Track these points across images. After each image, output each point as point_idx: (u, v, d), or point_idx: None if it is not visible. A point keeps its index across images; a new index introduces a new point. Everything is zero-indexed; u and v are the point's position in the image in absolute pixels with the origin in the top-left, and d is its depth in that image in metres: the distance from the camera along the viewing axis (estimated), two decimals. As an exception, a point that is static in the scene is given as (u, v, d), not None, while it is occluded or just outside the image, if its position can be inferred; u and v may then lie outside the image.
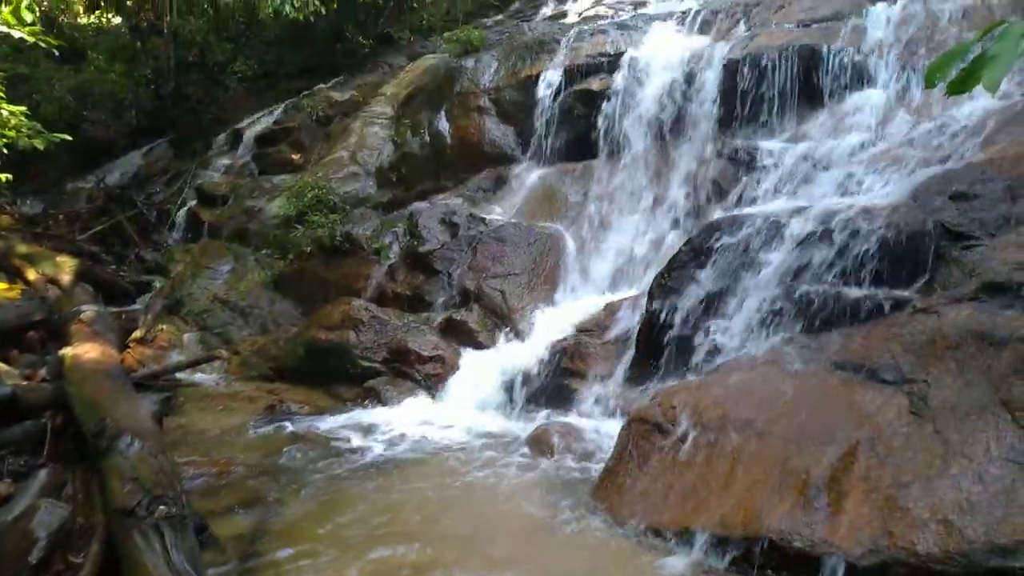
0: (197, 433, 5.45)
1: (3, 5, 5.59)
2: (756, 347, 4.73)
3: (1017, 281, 4.07)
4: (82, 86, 13.30)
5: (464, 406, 5.83)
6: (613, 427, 4.72)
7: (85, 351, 5.08)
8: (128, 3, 14.24)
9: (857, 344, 4.26)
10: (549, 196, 8.24)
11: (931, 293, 4.44)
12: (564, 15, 14.28)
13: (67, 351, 5.16)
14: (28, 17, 5.49)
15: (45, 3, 13.24)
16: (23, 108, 6.17)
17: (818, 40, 7.20)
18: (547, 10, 15.29)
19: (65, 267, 7.91)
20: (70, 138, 6.52)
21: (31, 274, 7.77)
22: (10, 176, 6.86)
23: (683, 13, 8.91)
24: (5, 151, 6.19)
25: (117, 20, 15.41)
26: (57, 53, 7.49)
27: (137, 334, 7.30)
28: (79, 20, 16.14)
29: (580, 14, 13.77)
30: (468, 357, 6.34)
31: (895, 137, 6.17)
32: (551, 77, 8.71)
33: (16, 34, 5.45)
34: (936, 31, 6.90)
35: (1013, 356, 3.63)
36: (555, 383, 5.71)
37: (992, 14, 6.78)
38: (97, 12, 16.38)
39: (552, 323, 6.41)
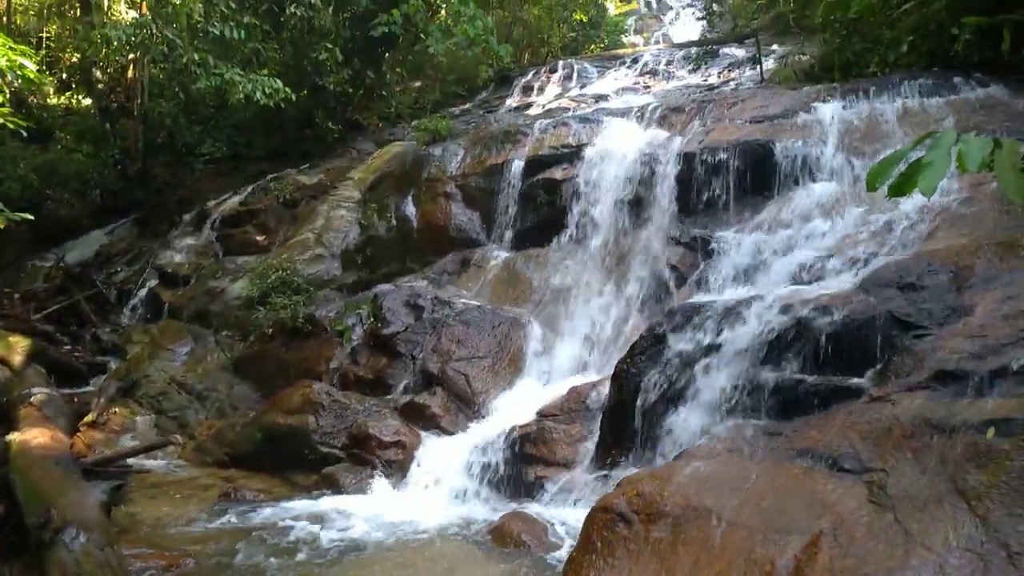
0: (147, 523, 5.22)
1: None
2: (718, 434, 4.75)
3: (966, 370, 4.20)
4: (47, 165, 13.26)
5: (425, 494, 5.70)
6: (577, 516, 4.65)
7: (33, 436, 4.90)
8: (99, 86, 14.43)
9: (816, 432, 4.32)
10: (513, 280, 8.35)
11: (886, 381, 4.55)
12: (529, 106, 14.86)
13: (14, 436, 4.98)
14: (-2, 99, 5.53)
15: (16, 83, 13.36)
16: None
17: (769, 135, 7.58)
18: (512, 101, 15.91)
19: (17, 348, 7.69)
20: (31, 217, 6.45)
21: (-20, 355, 7.54)
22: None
23: (642, 108, 9.33)
24: (-38, 230, 6.10)
25: (87, 102, 15.56)
26: (25, 133, 7.51)
27: (89, 417, 7.07)
28: (49, 101, 16.25)
29: (544, 106, 14.35)
30: (430, 442, 6.25)
31: (845, 228, 6.43)
32: (516, 166, 8.97)
33: (-16, 115, 5.48)
34: (879, 129, 7.32)
35: (966, 445, 3.71)
36: (519, 470, 5.63)
37: (927, 114, 7.24)
38: (68, 93, 16.55)
39: (516, 407, 6.39)
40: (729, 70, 14.98)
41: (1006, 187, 2.00)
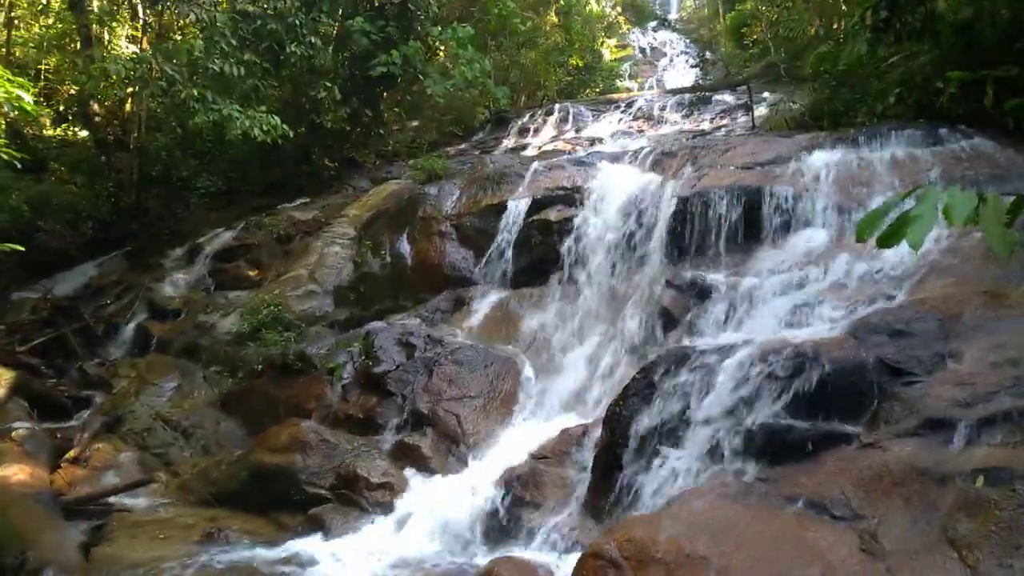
0: (127, 565, 5.10)
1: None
2: (710, 478, 4.73)
3: (955, 418, 4.21)
4: (40, 196, 13.25)
5: (413, 537, 5.60)
6: (568, 561, 4.58)
7: (12, 473, 4.83)
8: (97, 118, 14.55)
9: (808, 478, 4.30)
10: (507, 319, 8.35)
11: (876, 427, 4.55)
12: (525, 147, 15.06)
13: (-7, 472, 4.88)
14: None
15: (12, 115, 13.45)
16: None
17: (761, 182, 7.69)
18: (508, 142, 16.12)
19: (0, 380, 7.59)
20: (21, 248, 6.45)
21: (-37, 387, 7.44)
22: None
23: (636, 152, 9.47)
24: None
25: (84, 133, 15.65)
26: (19, 164, 7.54)
27: (71, 454, 6.96)
28: (45, 132, 16.33)
29: (540, 147, 14.55)
30: (419, 484, 6.17)
31: (835, 274, 6.49)
32: (512, 207, 9.05)
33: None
34: (868, 177, 7.44)
35: (956, 493, 3.70)
36: (509, 513, 5.55)
37: (915, 164, 7.38)
38: (64, 125, 16.66)
39: (507, 449, 6.33)
40: (721, 116, 15.26)
41: (992, 241, 2.04)
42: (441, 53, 15.75)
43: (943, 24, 7.79)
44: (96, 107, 14.31)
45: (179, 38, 12.70)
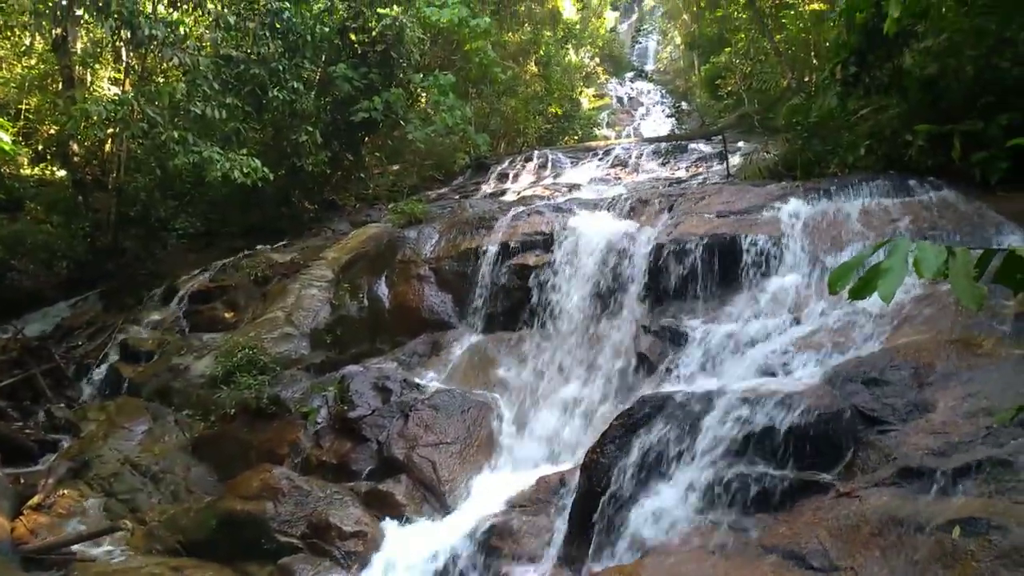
0: (86, 618, 4.91)
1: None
2: (688, 529, 4.69)
3: (930, 467, 4.23)
4: (14, 235, 13.10)
5: (386, 588, 5.47)
6: (544, 614, 4.49)
7: (-29, 521, 4.65)
8: (76, 158, 14.47)
9: (785, 528, 4.28)
10: (484, 364, 8.31)
11: (852, 476, 4.56)
12: (504, 193, 15.22)
13: (-50, 521, 4.71)
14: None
15: (-10, 154, 13.36)
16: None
17: (736, 230, 7.80)
18: (488, 187, 16.28)
19: (-37, 424, 7.38)
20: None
21: (-77, 431, 7.22)
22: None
23: (613, 199, 9.59)
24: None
25: (62, 173, 15.55)
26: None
27: (35, 500, 6.74)
28: (22, 171, 16.21)
29: (519, 193, 14.70)
30: (393, 533, 6.04)
31: (809, 322, 6.56)
32: (490, 251, 9.08)
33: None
34: (841, 226, 7.58)
35: (932, 544, 3.70)
36: (485, 563, 5.45)
37: (886, 214, 7.54)
38: (42, 165, 16.55)
39: (483, 496, 6.24)
40: (697, 164, 15.56)
41: (961, 295, 2.07)
42: (423, 100, 15.97)
43: (910, 79, 8.05)
44: (76, 147, 14.24)
45: (162, 81, 12.75)
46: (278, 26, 12.62)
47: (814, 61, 15.87)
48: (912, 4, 7.64)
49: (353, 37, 14.21)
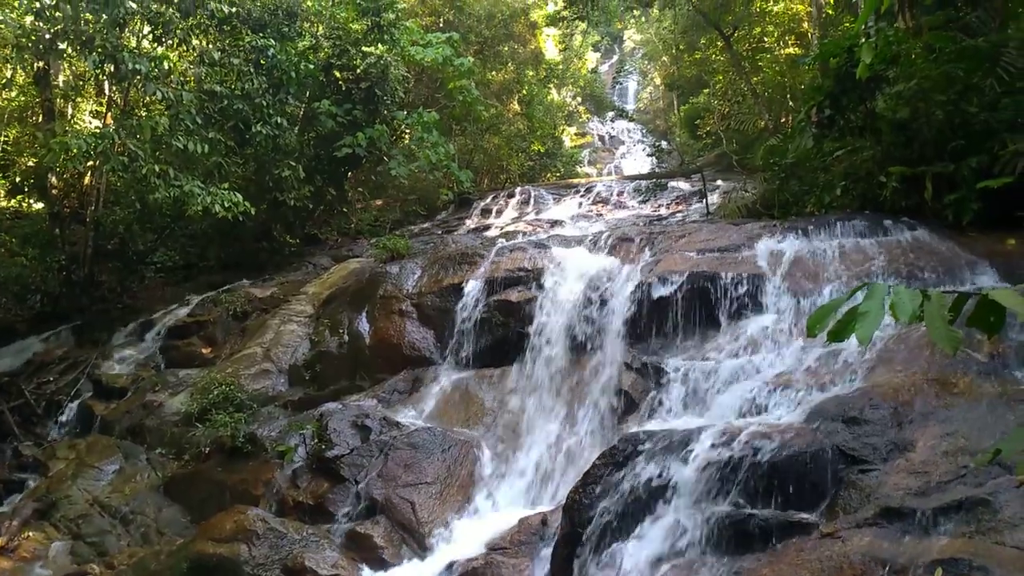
0: (47, 668, 4.72)
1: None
2: (671, 569, 4.63)
3: (911, 507, 4.23)
4: (-13, 269, 12.89)
5: (363, 634, 5.33)
6: (524, 661, 4.38)
7: (-70, 567, 4.47)
8: (54, 191, 14.34)
9: (768, 570, 4.24)
10: (466, 401, 8.24)
11: (834, 516, 4.54)
12: (487, 228, 15.29)
13: (-92, 566, 4.53)
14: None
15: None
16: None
17: (716, 268, 7.86)
18: (471, 223, 16.37)
19: (-74, 462, 7.16)
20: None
21: None
22: None
23: (595, 236, 9.66)
24: None
25: (39, 206, 15.38)
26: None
27: (-3, 543, 6.52)
28: (-2, 203, 16.03)
29: (502, 228, 14.79)
30: (371, 576, 5.91)
31: (789, 360, 6.59)
32: (473, 287, 9.07)
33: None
34: (818, 265, 7.67)
35: (916, 587, 3.67)
36: (464, 607, 5.34)
37: (862, 254, 7.64)
38: (19, 197, 16.38)
39: (464, 538, 6.14)
40: (677, 202, 15.77)
41: (937, 339, 2.10)
42: (407, 136, 16.09)
43: (883, 122, 8.24)
44: (54, 180, 14.12)
45: (144, 114, 12.72)
46: (263, 63, 12.69)
47: (790, 103, 16.26)
48: (883, 51, 7.87)
49: (338, 74, 14.33)
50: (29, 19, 11.45)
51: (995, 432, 4.59)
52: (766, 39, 19.46)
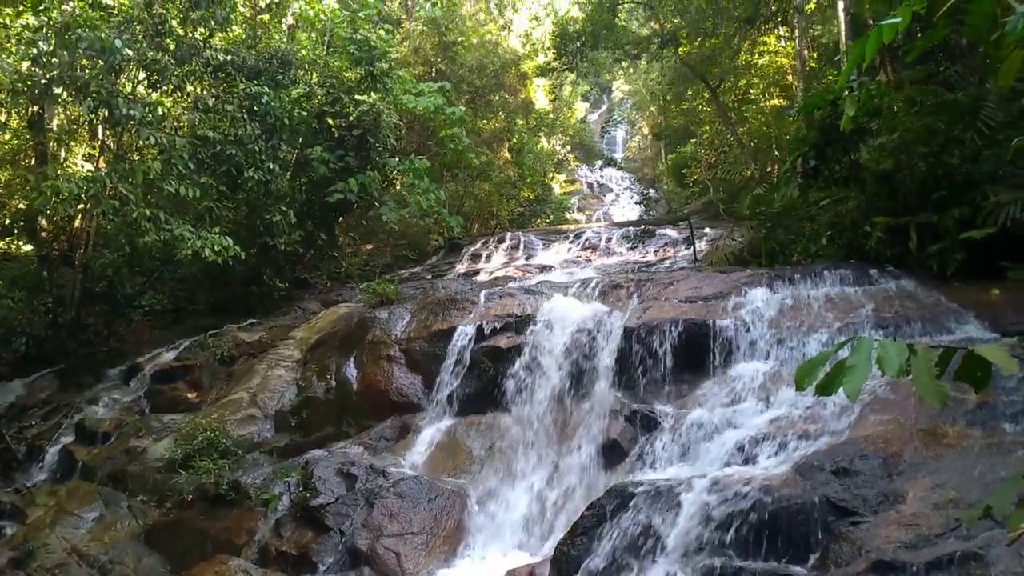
0: None
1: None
2: (661, 625, 4.54)
3: (903, 561, 4.18)
4: (-28, 312, 12.77)
5: None
6: None
7: (-103, 621, 4.32)
8: (43, 234, 14.31)
9: (760, 626, 4.16)
10: (454, 448, 8.15)
11: (826, 569, 4.48)
12: (477, 273, 15.34)
13: None
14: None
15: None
16: None
17: (704, 315, 7.91)
18: (461, 267, 16.43)
19: (-100, 510, 6.97)
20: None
21: None
22: None
23: (584, 282, 9.71)
24: None
25: (28, 248, 15.33)
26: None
27: (-32, 595, 6.32)
28: (-15, 247, 15.95)
29: (492, 273, 14.85)
30: (354, 630, 5.75)
31: (778, 409, 6.58)
32: (461, 333, 9.05)
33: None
34: (805, 313, 7.73)
35: (910, 644, 3.61)
36: (449, 664, 5.19)
37: (848, 302, 7.71)
38: (8, 239, 16.33)
39: (449, 591, 6.00)
40: (665, 249, 15.91)
41: (924, 393, 2.11)
42: (398, 182, 16.24)
43: (867, 173, 8.41)
44: (44, 222, 14.11)
45: (137, 159, 12.79)
46: (256, 109, 12.86)
47: (776, 153, 16.57)
48: (866, 104, 8.08)
49: (331, 121, 14.53)
50: (26, 64, 11.59)
51: (985, 483, 4.58)
52: (752, 91, 19.93)
